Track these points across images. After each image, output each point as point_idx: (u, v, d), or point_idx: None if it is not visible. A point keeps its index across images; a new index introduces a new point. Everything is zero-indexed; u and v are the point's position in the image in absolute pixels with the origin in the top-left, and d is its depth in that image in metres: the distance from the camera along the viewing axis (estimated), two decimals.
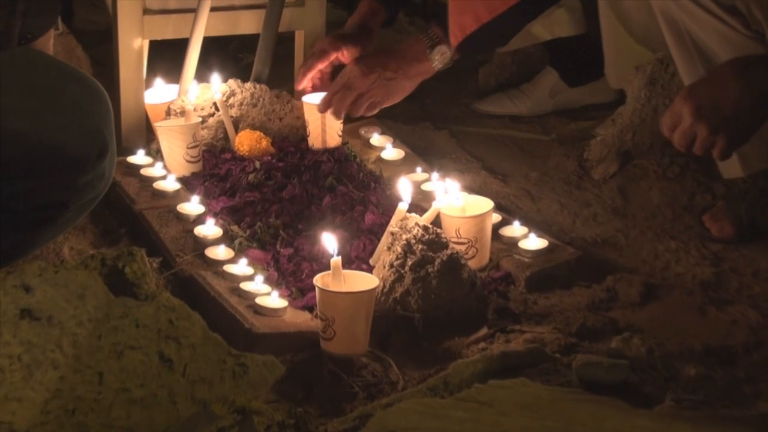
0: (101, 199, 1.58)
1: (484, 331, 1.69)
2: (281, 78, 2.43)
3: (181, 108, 2.25)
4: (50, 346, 1.22)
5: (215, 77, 2.29)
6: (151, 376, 1.25)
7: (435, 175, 2.12)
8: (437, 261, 1.69)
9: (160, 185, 2.07)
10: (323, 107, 2.15)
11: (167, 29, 2.29)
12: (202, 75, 2.31)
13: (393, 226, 1.76)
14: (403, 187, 1.85)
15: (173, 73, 2.33)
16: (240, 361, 1.33)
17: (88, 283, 1.23)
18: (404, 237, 1.71)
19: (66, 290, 1.25)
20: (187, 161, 2.15)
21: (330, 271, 1.63)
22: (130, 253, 1.39)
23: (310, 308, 1.73)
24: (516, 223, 1.96)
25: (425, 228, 1.73)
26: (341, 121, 2.27)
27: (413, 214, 1.78)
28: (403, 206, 1.79)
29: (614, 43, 2.27)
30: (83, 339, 1.19)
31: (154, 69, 2.37)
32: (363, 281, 1.64)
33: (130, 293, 1.37)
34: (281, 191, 2.06)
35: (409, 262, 1.69)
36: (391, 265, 1.70)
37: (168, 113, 2.27)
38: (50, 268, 1.26)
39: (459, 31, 1.93)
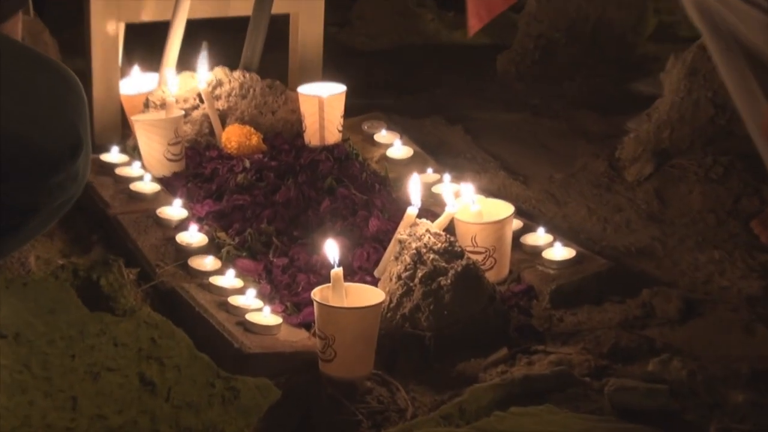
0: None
1: (503, 351, 1.69)
2: (274, 66, 2.44)
3: (161, 100, 2.26)
4: (17, 366, 1.22)
5: (200, 65, 2.30)
6: (131, 401, 1.25)
7: (447, 176, 2.12)
8: (451, 272, 1.70)
9: (137, 187, 2.08)
10: None
11: (145, 11, 2.30)
12: (184, 63, 2.32)
13: (401, 233, 1.77)
14: (412, 190, 1.86)
15: (152, 60, 2.34)
16: (230, 385, 1.33)
17: (60, 297, 1.24)
18: (414, 245, 1.72)
19: (35, 304, 1.26)
20: (168, 159, 2.16)
21: (330, 284, 1.64)
22: (105, 262, 1.40)
23: (308, 325, 1.74)
24: (539, 230, 1.97)
25: (437, 235, 1.74)
26: (341, 115, 2.28)
27: (424, 220, 1.78)
28: (412, 211, 1.80)
29: None
30: (55, 359, 1.20)
31: (130, 56, 2.38)
32: (367, 295, 1.65)
33: (106, 308, 1.37)
34: (274, 194, 2.07)
35: (419, 274, 1.70)
36: (399, 277, 1.71)
37: (146, 105, 2.28)
38: (17, 280, 1.27)
39: (486, 13, 1.92)
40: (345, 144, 2.29)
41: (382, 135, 2.35)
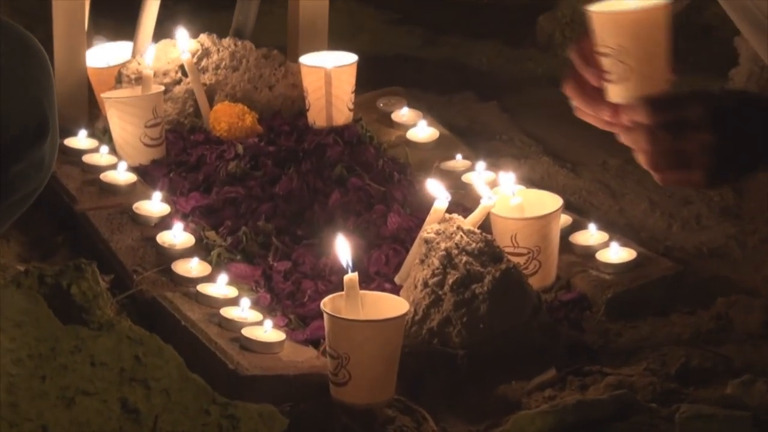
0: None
1: (551, 373, 1.70)
2: (270, 32, 2.45)
3: (137, 73, 2.27)
4: None
5: (182, 31, 2.31)
6: (111, 431, 1.26)
7: (481, 162, 2.13)
8: (487, 278, 1.71)
9: (108, 177, 2.10)
10: None
11: None
12: (164, 29, 2.34)
13: (427, 230, 1.77)
14: (438, 180, 1.86)
15: (125, 27, 2.36)
16: (228, 412, 1.35)
17: (28, 308, 1.25)
18: (443, 246, 1.73)
19: None
20: (146, 145, 2.18)
21: (342, 293, 1.64)
22: (77, 267, 1.41)
23: (316, 342, 1.75)
24: (592, 228, 1.98)
25: (471, 234, 1.75)
26: (352, 90, 2.30)
27: (454, 215, 1.79)
28: (440, 204, 1.81)
29: None
30: (22, 381, 1.21)
31: (99, 21, 2.39)
32: (387, 306, 1.65)
33: (78, 320, 1.39)
34: (273, 185, 2.09)
35: (450, 280, 1.71)
36: (426, 284, 1.72)
37: (118, 80, 2.29)
38: None
39: None
40: (357, 125, 2.30)
41: (402, 114, 2.36)
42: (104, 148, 2.19)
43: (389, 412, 1.61)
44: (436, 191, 1.83)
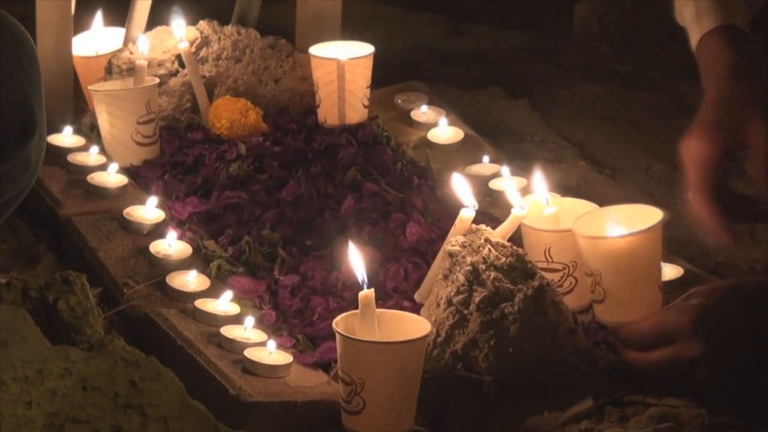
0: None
1: (588, 402, 1.70)
2: (277, 19, 2.45)
3: (129, 63, 2.28)
4: None
5: (179, 17, 2.32)
6: None
7: (508, 167, 2.14)
8: (518, 296, 1.71)
9: (97, 179, 2.11)
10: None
11: None
12: (160, 14, 2.34)
13: (451, 243, 1.77)
14: (464, 185, 1.87)
15: (116, 11, 2.36)
16: None
17: (13, 325, 1.26)
18: (469, 260, 1.73)
19: None
20: (138, 143, 2.19)
21: (357, 311, 1.65)
22: (65, 280, 1.42)
23: (326, 366, 1.75)
24: None
25: (500, 247, 1.75)
26: (368, 84, 2.30)
27: (482, 226, 1.80)
28: (466, 214, 1.81)
29: None
30: (6, 407, 1.22)
31: (88, 4, 2.39)
32: (406, 326, 1.66)
33: (65, 339, 1.39)
34: (279, 190, 2.09)
35: (476, 299, 1.71)
36: (449, 302, 1.72)
37: (108, 71, 2.30)
38: None
39: None
40: (372, 123, 2.31)
41: (422, 112, 2.37)
42: (92, 148, 2.19)
43: None
44: (462, 198, 1.83)
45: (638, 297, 1.74)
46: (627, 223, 1.78)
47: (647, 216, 1.79)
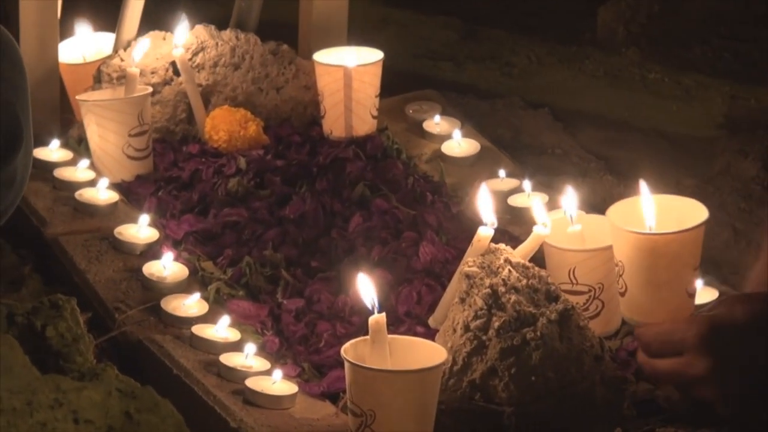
0: None
1: None
2: (278, 24, 2.45)
3: (119, 70, 2.28)
4: None
5: (175, 22, 2.32)
6: None
7: (527, 182, 2.14)
8: (541, 321, 1.70)
9: (85, 196, 2.11)
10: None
11: None
12: (153, 18, 2.34)
13: (468, 264, 1.77)
14: (482, 201, 1.86)
15: (106, 15, 2.36)
16: None
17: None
18: (487, 282, 1.73)
19: None
20: (129, 157, 2.19)
21: (367, 337, 1.65)
22: (53, 305, 1.41)
23: (334, 396, 1.75)
24: None
25: (521, 268, 1.75)
26: (376, 94, 2.30)
27: (501, 245, 1.79)
28: (485, 232, 1.80)
29: None
30: None
31: (75, 8, 2.39)
32: (420, 353, 1.66)
33: (54, 368, 1.38)
34: (282, 207, 2.10)
35: (496, 324, 1.71)
36: (467, 328, 1.72)
37: (98, 79, 2.30)
38: None
39: None
40: (382, 135, 2.32)
41: (436, 122, 2.37)
42: (81, 162, 2.19)
43: None
44: (482, 214, 1.82)
45: (658, 300, 1.74)
46: (666, 217, 1.77)
47: (691, 213, 1.78)
